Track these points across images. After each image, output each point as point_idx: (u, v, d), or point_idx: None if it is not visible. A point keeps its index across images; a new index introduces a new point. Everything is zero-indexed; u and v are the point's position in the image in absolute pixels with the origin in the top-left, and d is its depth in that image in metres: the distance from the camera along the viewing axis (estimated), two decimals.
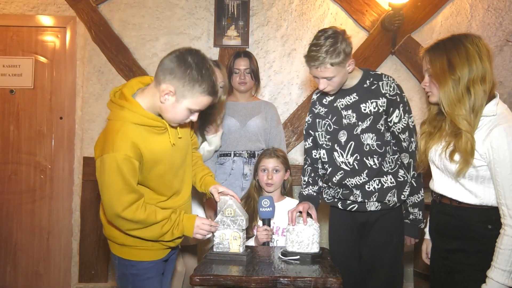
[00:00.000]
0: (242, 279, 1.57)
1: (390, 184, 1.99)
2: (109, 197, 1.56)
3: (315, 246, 1.83)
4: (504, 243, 1.48)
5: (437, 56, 1.58)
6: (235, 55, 2.69)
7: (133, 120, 1.58)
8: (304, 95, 3.31)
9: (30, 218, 3.30)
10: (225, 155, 2.58)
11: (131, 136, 1.55)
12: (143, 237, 1.65)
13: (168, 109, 1.59)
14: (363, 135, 1.97)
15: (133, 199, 1.58)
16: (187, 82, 1.54)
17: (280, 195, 2.32)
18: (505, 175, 1.47)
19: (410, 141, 1.98)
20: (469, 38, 1.56)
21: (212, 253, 1.82)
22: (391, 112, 1.96)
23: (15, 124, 3.29)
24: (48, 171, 3.31)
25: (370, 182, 1.99)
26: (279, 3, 3.31)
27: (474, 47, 1.54)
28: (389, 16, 3.15)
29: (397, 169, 2.02)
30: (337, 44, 1.81)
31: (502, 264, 1.48)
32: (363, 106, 1.97)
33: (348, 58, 1.85)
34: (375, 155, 1.97)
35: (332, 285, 1.56)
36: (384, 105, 1.95)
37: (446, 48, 1.57)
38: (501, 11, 3.33)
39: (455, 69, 1.53)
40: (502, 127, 1.48)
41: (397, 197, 1.99)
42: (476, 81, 1.51)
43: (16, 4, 3.25)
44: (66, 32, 3.27)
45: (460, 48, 1.54)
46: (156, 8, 3.28)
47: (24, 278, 3.30)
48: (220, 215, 1.82)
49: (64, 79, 3.30)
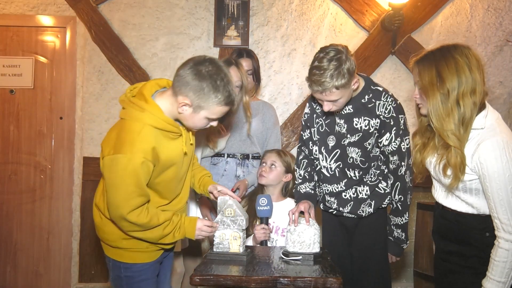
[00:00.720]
0: (242, 279, 1.57)
1: (364, 196, 1.99)
2: (117, 197, 1.55)
3: (316, 246, 1.83)
4: (498, 255, 1.50)
5: (426, 68, 1.55)
6: (238, 54, 2.61)
7: (153, 124, 1.57)
8: (304, 95, 3.31)
9: (30, 218, 3.30)
10: (218, 156, 2.54)
11: (151, 141, 1.55)
12: (145, 238, 1.65)
13: (187, 118, 1.62)
14: (349, 148, 1.96)
15: (141, 202, 1.58)
16: (202, 94, 1.54)
17: (280, 195, 2.32)
18: (495, 189, 1.48)
19: (399, 165, 1.94)
20: (458, 49, 1.54)
21: (212, 253, 1.82)
22: (382, 134, 1.92)
23: (15, 124, 3.29)
24: (48, 171, 3.31)
25: (347, 191, 2.00)
26: (279, 3, 3.31)
27: (463, 59, 1.51)
28: (389, 16, 3.15)
29: (378, 181, 2.01)
30: (341, 66, 1.72)
31: (497, 275, 1.50)
32: (355, 120, 1.93)
33: (352, 77, 1.78)
34: (357, 168, 1.97)
35: (332, 285, 1.56)
36: (377, 125, 1.91)
37: (436, 60, 1.54)
38: (501, 11, 3.33)
39: (444, 82, 1.50)
40: (490, 142, 1.48)
41: (374, 207, 2.00)
42: (466, 94, 1.49)
43: (16, 4, 3.25)
44: (66, 32, 3.27)
45: (449, 60, 1.51)
46: (156, 8, 3.28)
47: (24, 278, 3.30)
48: (220, 215, 1.82)
49: (64, 79, 3.30)
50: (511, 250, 1.47)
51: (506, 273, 1.49)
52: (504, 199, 1.47)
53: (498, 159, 1.46)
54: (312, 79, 1.77)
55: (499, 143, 1.47)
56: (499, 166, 1.46)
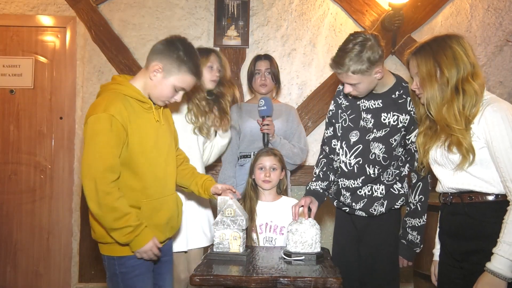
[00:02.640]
0: (242, 279, 1.57)
1: (379, 195, 1.97)
2: (89, 156, 1.60)
3: (317, 246, 1.84)
4: (511, 217, 1.42)
5: (424, 59, 1.57)
6: (256, 58, 2.72)
7: (123, 91, 1.70)
8: (304, 95, 3.32)
9: (30, 218, 3.30)
10: (245, 157, 2.61)
11: (122, 106, 1.65)
12: (102, 215, 1.61)
13: (156, 85, 1.73)
14: (373, 143, 1.94)
15: (111, 165, 1.61)
16: (173, 60, 1.70)
17: (276, 194, 2.32)
18: (504, 149, 1.45)
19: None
20: (453, 38, 1.56)
21: (212, 253, 1.82)
22: (411, 130, 1.91)
23: (15, 124, 3.29)
24: (48, 171, 3.31)
25: (362, 188, 1.98)
26: (279, 3, 3.31)
27: (459, 47, 1.53)
28: (389, 16, 3.15)
29: (394, 182, 1.98)
30: (362, 53, 1.74)
31: (510, 237, 1.41)
32: (384, 115, 1.93)
33: (373, 66, 1.77)
34: (377, 165, 1.94)
35: (332, 285, 1.56)
36: (406, 121, 1.90)
37: (433, 51, 1.55)
38: (501, 11, 3.33)
39: (443, 72, 1.52)
40: (494, 105, 1.49)
41: (386, 207, 1.97)
42: (466, 79, 1.51)
43: (16, 4, 3.25)
44: (66, 32, 3.27)
45: (446, 49, 1.54)
46: (156, 8, 3.28)
47: (24, 278, 3.30)
48: (220, 215, 1.83)
49: (64, 79, 3.29)
50: None
51: None
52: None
53: (505, 119, 1.46)
54: (334, 59, 1.81)
55: (503, 106, 1.49)
56: (506, 126, 1.45)
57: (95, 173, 1.58)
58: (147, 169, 1.72)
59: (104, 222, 1.63)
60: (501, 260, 1.42)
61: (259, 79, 2.64)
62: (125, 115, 1.64)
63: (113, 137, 1.61)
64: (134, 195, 1.70)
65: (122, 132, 1.63)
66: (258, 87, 2.66)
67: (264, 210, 2.24)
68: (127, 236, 1.62)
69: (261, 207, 2.25)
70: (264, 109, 2.47)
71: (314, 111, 3.29)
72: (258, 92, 2.69)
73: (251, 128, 2.61)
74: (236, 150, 2.65)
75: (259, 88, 2.66)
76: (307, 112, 3.28)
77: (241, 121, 2.64)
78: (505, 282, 1.42)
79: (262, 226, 2.20)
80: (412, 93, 1.73)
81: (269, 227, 2.20)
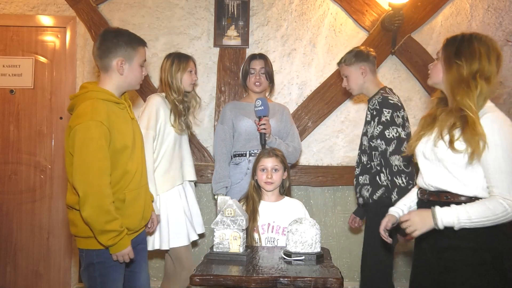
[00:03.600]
0: (242, 279, 1.57)
1: (365, 182, 2.38)
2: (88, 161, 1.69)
3: (318, 246, 1.84)
4: (492, 204, 1.48)
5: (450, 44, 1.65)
6: (251, 57, 2.74)
7: (100, 97, 1.80)
8: (304, 95, 3.32)
9: (30, 218, 3.30)
10: (240, 155, 2.62)
11: (104, 109, 1.76)
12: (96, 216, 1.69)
13: (128, 74, 1.88)
14: (363, 137, 2.46)
15: (105, 166, 1.72)
16: (125, 47, 1.85)
17: (279, 195, 2.32)
18: (495, 157, 1.49)
19: (386, 149, 2.24)
20: (484, 38, 1.62)
21: (212, 253, 1.82)
22: (370, 122, 2.36)
23: (15, 124, 3.29)
24: (48, 171, 3.31)
25: (361, 176, 2.41)
26: (279, 3, 3.31)
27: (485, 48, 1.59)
28: (389, 16, 3.15)
29: (377, 172, 2.33)
30: (353, 51, 2.45)
31: (472, 211, 1.49)
32: (367, 114, 2.44)
33: (358, 61, 2.40)
34: (365, 154, 2.41)
35: (332, 285, 1.56)
36: (369, 117, 2.37)
37: (464, 40, 1.62)
38: (501, 11, 3.33)
39: (460, 58, 1.58)
40: (491, 115, 1.54)
41: (370, 194, 2.34)
42: (481, 76, 1.56)
43: (16, 4, 3.25)
44: (66, 32, 3.27)
45: (472, 44, 1.59)
46: (156, 8, 3.28)
47: (24, 278, 3.30)
48: (220, 215, 1.83)
49: (64, 79, 3.30)
50: (503, 211, 1.47)
51: (481, 217, 1.48)
52: (503, 168, 1.49)
53: (501, 130, 1.51)
54: None
55: (500, 118, 1.55)
56: (501, 136, 1.50)
57: (93, 178, 1.68)
58: (128, 163, 1.85)
59: (96, 224, 1.70)
60: (450, 212, 1.51)
61: (254, 78, 2.66)
62: (109, 119, 1.76)
63: (104, 142, 1.72)
64: (118, 187, 1.82)
65: (108, 136, 1.75)
66: (253, 86, 2.67)
67: (266, 210, 2.25)
68: (112, 239, 1.72)
69: (264, 207, 2.26)
70: (261, 109, 2.50)
71: (314, 111, 3.29)
72: (252, 91, 2.70)
73: (247, 127, 2.62)
74: (230, 148, 2.65)
75: (253, 87, 2.67)
76: (307, 112, 3.29)
77: (236, 120, 2.64)
78: (432, 224, 1.53)
79: (264, 226, 2.20)
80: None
81: (272, 227, 2.20)
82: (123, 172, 1.83)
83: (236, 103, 2.77)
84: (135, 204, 1.89)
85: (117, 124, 1.80)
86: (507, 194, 1.47)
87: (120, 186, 1.83)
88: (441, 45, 1.70)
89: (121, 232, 1.74)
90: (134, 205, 1.88)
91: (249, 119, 2.62)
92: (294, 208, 2.28)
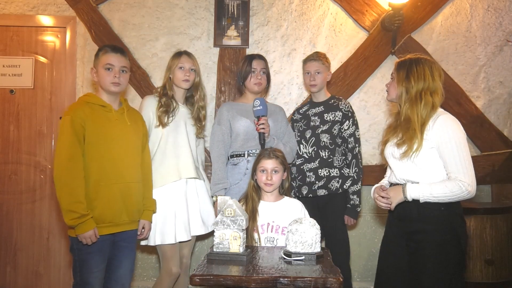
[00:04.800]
0: (242, 279, 1.57)
1: (335, 174, 2.65)
2: (59, 149, 2.02)
3: (317, 246, 1.84)
4: (451, 184, 1.79)
5: (401, 68, 1.98)
6: (251, 57, 2.71)
7: (86, 100, 2.16)
8: (304, 95, 3.32)
9: (30, 218, 3.30)
10: (238, 156, 2.60)
11: (82, 108, 2.09)
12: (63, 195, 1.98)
13: (99, 79, 2.19)
14: (321, 134, 2.68)
15: (75, 153, 2.01)
16: (94, 58, 2.21)
17: (278, 195, 2.32)
18: (450, 150, 1.82)
19: (354, 145, 2.68)
20: (429, 62, 1.95)
21: (212, 253, 1.82)
22: (343, 121, 2.68)
23: (15, 124, 3.29)
24: (48, 171, 3.31)
25: (320, 169, 2.65)
26: (279, 3, 3.31)
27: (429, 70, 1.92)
28: (389, 16, 3.15)
29: (343, 166, 2.69)
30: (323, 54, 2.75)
31: (435, 188, 1.81)
32: (325, 115, 2.70)
33: (327, 64, 2.73)
34: (327, 149, 2.67)
35: (332, 285, 1.56)
36: (340, 117, 2.68)
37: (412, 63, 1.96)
38: (501, 11, 3.33)
39: (410, 79, 1.93)
40: (442, 117, 1.87)
41: (340, 185, 2.64)
42: (426, 92, 1.90)
43: (16, 4, 3.25)
44: (66, 32, 3.27)
45: (419, 66, 1.94)
46: (156, 8, 3.28)
47: (24, 278, 3.30)
48: (220, 215, 1.83)
49: (64, 79, 3.30)
50: (459, 190, 1.78)
51: (441, 193, 1.79)
52: (457, 157, 1.81)
53: (453, 127, 1.84)
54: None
55: (450, 118, 1.88)
56: (453, 133, 1.83)
57: (63, 162, 2.00)
58: (104, 156, 2.10)
59: (63, 202, 1.99)
60: (417, 188, 1.84)
61: (255, 78, 2.66)
62: (84, 116, 2.07)
63: (73, 132, 2.03)
64: (95, 178, 2.06)
65: (80, 129, 2.05)
66: (253, 86, 2.66)
67: (266, 210, 2.25)
68: (74, 220, 1.98)
69: (263, 207, 2.26)
70: (260, 109, 2.52)
71: None
72: (252, 91, 2.69)
73: (245, 127, 2.60)
74: (228, 149, 2.64)
75: (253, 86, 2.66)
76: None
77: (233, 120, 2.63)
78: (402, 197, 1.88)
79: (264, 226, 2.21)
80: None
81: (271, 227, 2.21)
82: (99, 165, 2.08)
83: (233, 103, 2.76)
84: (113, 195, 2.10)
85: (93, 121, 2.09)
86: (462, 177, 1.79)
87: (98, 177, 2.07)
88: (394, 67, 2.02)
89: (84, 215, 1.98)
90: (110, 196, 2.10)
91: (247, 119, 2.61)
92: (293, 208, 2.29)
